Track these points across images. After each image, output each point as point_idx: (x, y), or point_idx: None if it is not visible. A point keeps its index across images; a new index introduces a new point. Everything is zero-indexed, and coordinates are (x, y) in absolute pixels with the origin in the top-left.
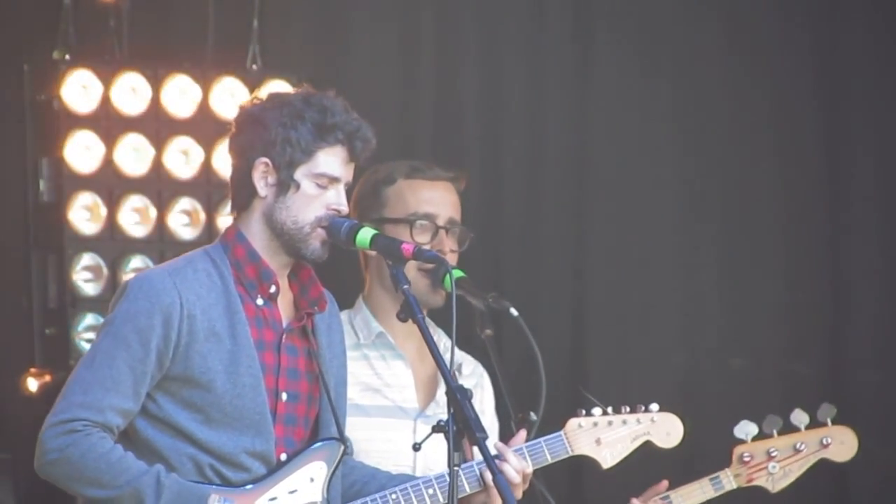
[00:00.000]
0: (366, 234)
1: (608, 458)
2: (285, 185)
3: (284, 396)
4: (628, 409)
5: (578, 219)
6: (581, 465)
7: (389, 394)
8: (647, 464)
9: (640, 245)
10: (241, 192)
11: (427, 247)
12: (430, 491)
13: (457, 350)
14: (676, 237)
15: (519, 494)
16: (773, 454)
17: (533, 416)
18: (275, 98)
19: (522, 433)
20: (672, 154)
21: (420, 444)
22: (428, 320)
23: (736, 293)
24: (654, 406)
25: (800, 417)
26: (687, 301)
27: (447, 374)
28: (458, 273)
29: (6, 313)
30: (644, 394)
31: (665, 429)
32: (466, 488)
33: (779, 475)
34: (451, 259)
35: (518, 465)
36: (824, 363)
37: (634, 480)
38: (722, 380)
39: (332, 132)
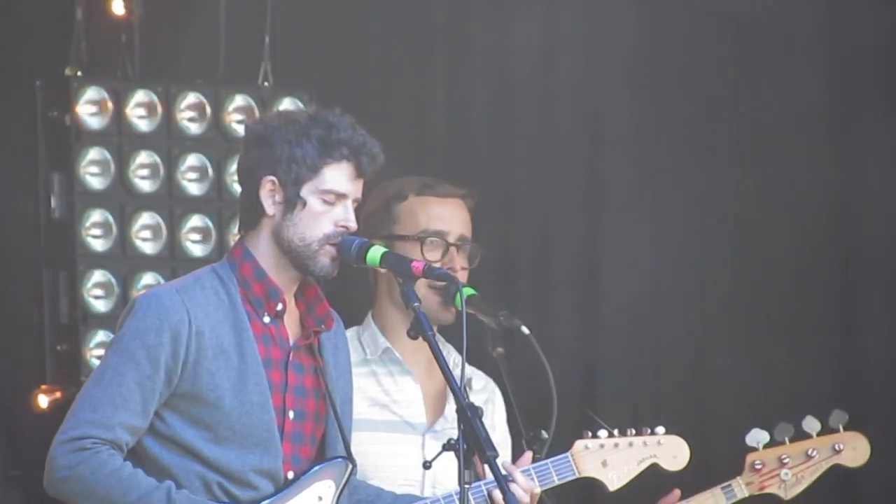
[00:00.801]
0: (376, 252)
1: (615, 480)
2: (292, 202)
3: (292, 414)
4: (634, 431)
5: (591, 236)
6: (591, 480)
7: (397, 409)
8: (659, 474)
9: (652, 263)
10: (250, 212)
11: (438, 264)
12: None
13: (467, 365)
14: (688, 254)
15: None
16: (785, 461)
17: (544, 434)
18: (281, 116)
19: (528, 454)
20: (685, 173)
21: (430, 462)
22: (438, 336)
23: (747, 304)
24: (660, 429)
25: (811, 424)
26: (699, 317)
27: (458, 391)
28: (468, 291)
29: (17, 329)
30: (656, 410)
31: (671, 452)
32: None
33: (791, 482)
34: (462, 276)
35: (526, 484)
36: (836, 369)
37: (647, 491)
38: (733, 389)
39: (337, 148)
